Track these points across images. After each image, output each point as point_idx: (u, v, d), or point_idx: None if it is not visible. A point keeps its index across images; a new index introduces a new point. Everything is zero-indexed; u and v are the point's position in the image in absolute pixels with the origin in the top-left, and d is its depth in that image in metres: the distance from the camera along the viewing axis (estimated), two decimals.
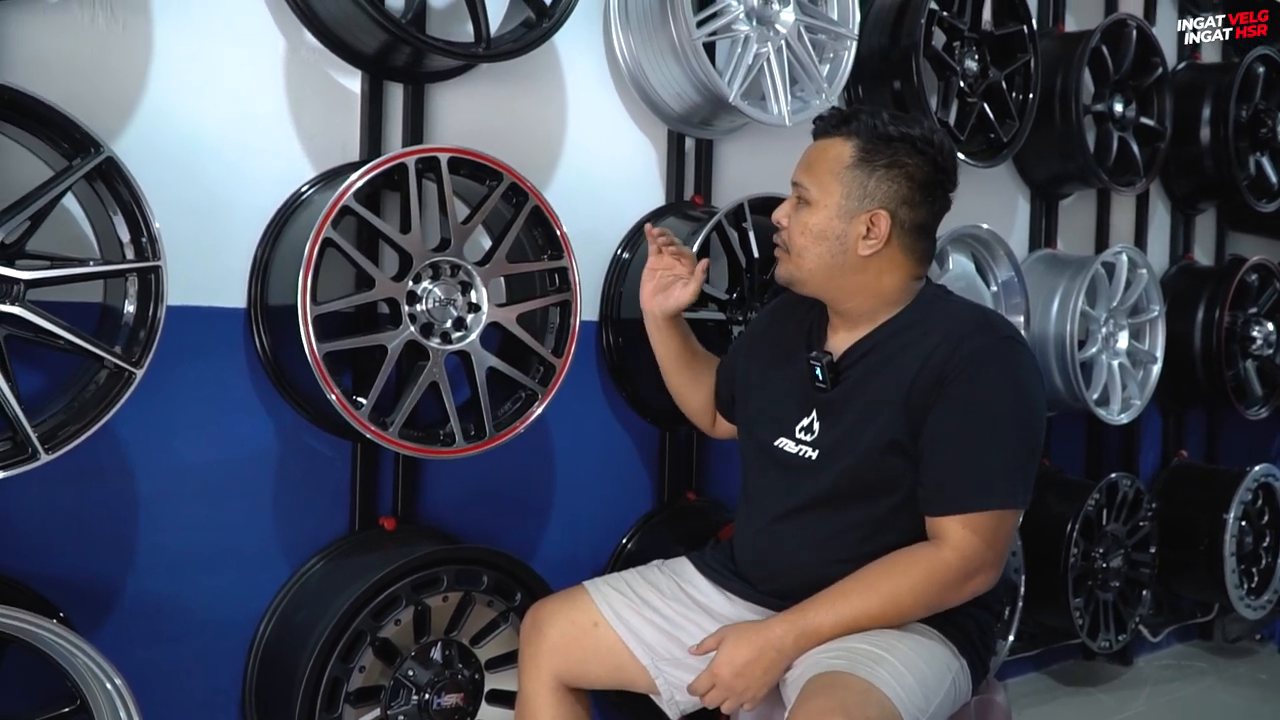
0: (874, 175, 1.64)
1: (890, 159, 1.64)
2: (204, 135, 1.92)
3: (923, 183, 1.66)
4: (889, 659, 1.52)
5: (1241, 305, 3.64)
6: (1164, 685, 3.57)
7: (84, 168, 1.58)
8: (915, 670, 1.53)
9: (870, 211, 1.64)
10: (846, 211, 1.65)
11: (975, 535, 1.57)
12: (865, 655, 1.52)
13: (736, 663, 1.57)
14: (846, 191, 1.65)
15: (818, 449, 1.69)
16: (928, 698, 1.53)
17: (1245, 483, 3.62)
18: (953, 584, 1.58)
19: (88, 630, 1.79)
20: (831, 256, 1.66)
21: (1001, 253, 2.85)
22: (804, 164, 1.72)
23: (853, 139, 1.66)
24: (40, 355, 1.72)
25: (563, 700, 1.77)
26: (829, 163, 1.67)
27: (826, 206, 1.66)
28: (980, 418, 1.59)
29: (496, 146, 2.07)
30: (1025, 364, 1.64)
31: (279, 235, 1.98)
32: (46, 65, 1.76)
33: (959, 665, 1.64)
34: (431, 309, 1.93)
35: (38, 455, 1.54)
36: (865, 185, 1.64)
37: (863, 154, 1.65)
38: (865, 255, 1.65)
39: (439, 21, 2.15)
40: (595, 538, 2.44)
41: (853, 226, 1.65)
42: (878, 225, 1.64)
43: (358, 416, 1.84)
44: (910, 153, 1.65)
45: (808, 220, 1.67)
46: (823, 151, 1.69)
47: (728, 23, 2.33)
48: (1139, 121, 3.35)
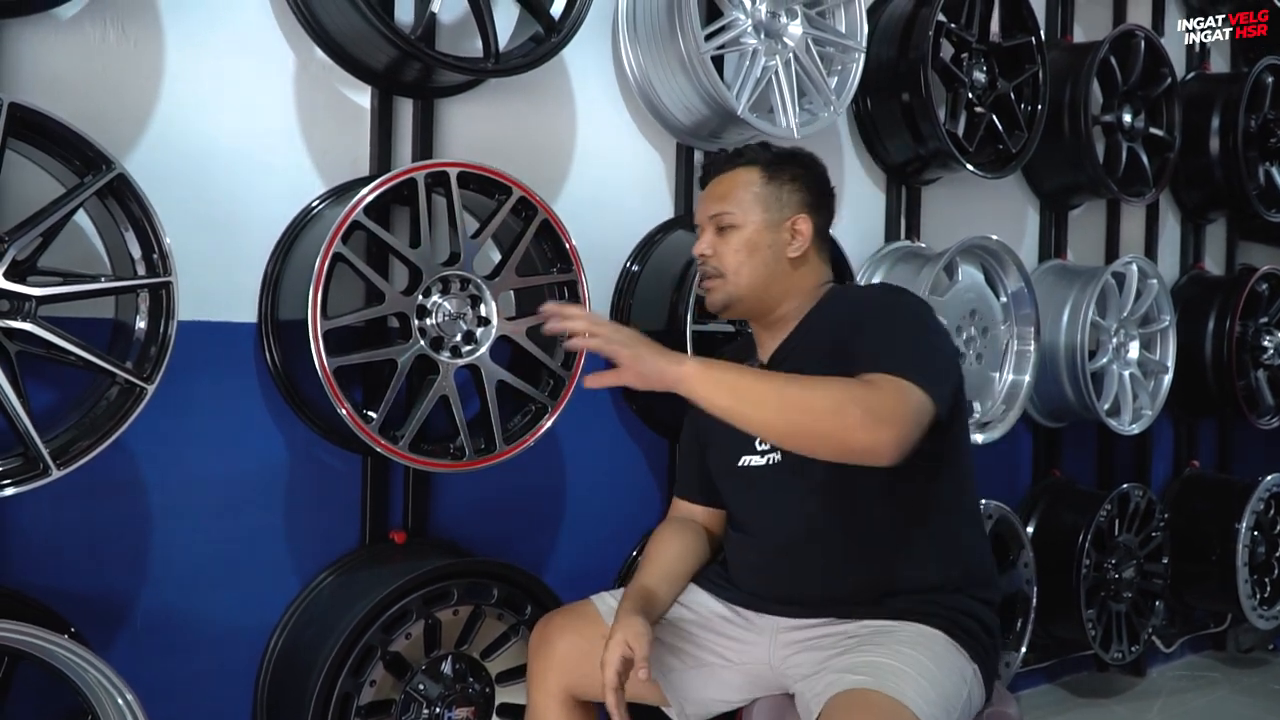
0: (784, 188, 1.82)
1: (792, 174, 1.83)
2: (215, 151, 1.93)
3: (819, 191, 1.86)
4: (911, 674, 1.52)
5: (1252, 315, 3.63)
6: (1177, 696, 3.55)
7: (95, 185, 1.59)
8: (937, 683, 1.53)
9: (792, 218, 1.81)
10: (771, 223, 1.81)
11: (901, 391, 1.49)
12: (890, 671, 1.52)
13: (641, 343, 1.51)
14: (766, 206, 1.81)
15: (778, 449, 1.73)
16: (949, 711, 1.53)
17: (1257, 492, 3.61)
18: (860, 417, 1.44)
19: (99, 645, 1.80)
20: (765, 266, 1.80)
21: (1011, 263, 2.84)
22: (715, 197, 1.85)
23: (754, 165, 1.84)
24: (52, 371, 1.73)
25: (571, 713, 1.78)
26: (742, 188, 1.82)
27: (752, 223, 1.80)
28: (897, 318, 1.66)
29: (505, 161, 2.08)
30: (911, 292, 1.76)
31: (289, 250, 1.99)
32: (58, 83, 1.77)
33: (972, 670, 1.64)
34: (441, 323, 1.94)
35: (49, 471, 1.55)
36: (780, 198, 1.82)
37: (769, 174, 1.83)
38: (794, 258, 1.81)
39: (448, 37, 2.16)
40: (605, 550, 2.44)
41: (779, 235, 1.81)
42: (801, 229, 1.81)
43: (368, 430, 1.84)
44: (802, 168, 1.86)
45: (736, 240, 1.80)
46: (731, 181, 1.84)
47: (736, 36, 2.33)
48: (1148, 132, 3.35)
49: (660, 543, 1.87)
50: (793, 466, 1.72)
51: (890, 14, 2.76)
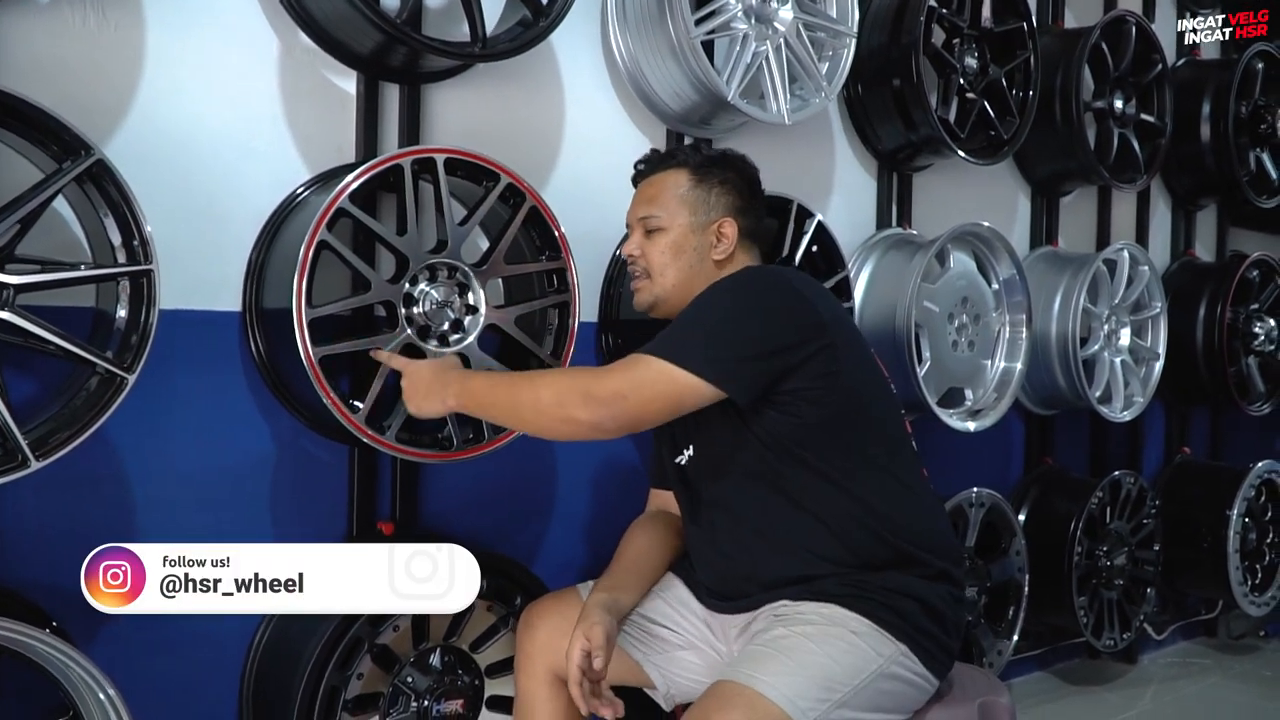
0: (712, 191, 1.87)
1: (721, 176, 1.88)
2: (197, 137, 1.90)
3: (748, 193, 1.90)
4: (779, 658, 1.55)
5: (1243, 301, 3.64)
6: (1169, 683, 3.56)
7: (74, 170, 1.56)
8: (811, 666, 1.54)
9: (717, 221, 1.85)
10: (697, 226, 1.85)
11: (630, 366, 1.64)
12: (750, 658, 1.59)
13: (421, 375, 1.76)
14: (692, 209, 1.86)
15: (689, 445, 1.82)
16: (829, 690, 1.53)
17: (1248, 479, 3.62)
18: (578, 398, 1.60)
19: (82, 640, 1.77)
20: (690, 267, 1.85)
21: (1003, 250, 2.83)
22: (644, 199, 1.91)
23: (683, 168, 1.89)
24: (31, 361, 1.70)
25: (559, 695, 1.78)
26: (669, 190, 1.87)
27: (679, 225, 1.85)
28: (694, 308, 1.73)
29: (493, 147, 2.05)
30: (756, 275, 1.78)
31: (274, 238, 1.96)
32: (38, 67, 1.74)
33: (898, 650, 1.62)
34: (429, 311, 1.91)
35: (28, 463, 1.52)
36: (707, 201, 1.86)
37: (696, 176, 1.87)
38: (719, 260, 1.85)
39: (435, 21, 2.13)
40: (594, 540, 2.42)
41: (705, 238, 1.85)
42: (726, 232, 1.85)
43: (354, 421, 1.82)
44: (732, 169, 1.90)
45: (663, 242, 1.86)
46: (660, 183, 1.89)
47: (726, 21, 2.31)
48: (1139, 118, 3.34)
49: (630, 537, 1.93)
50: (698, 463, 1.80)
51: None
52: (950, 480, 2.86)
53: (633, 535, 1.94)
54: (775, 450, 1.68)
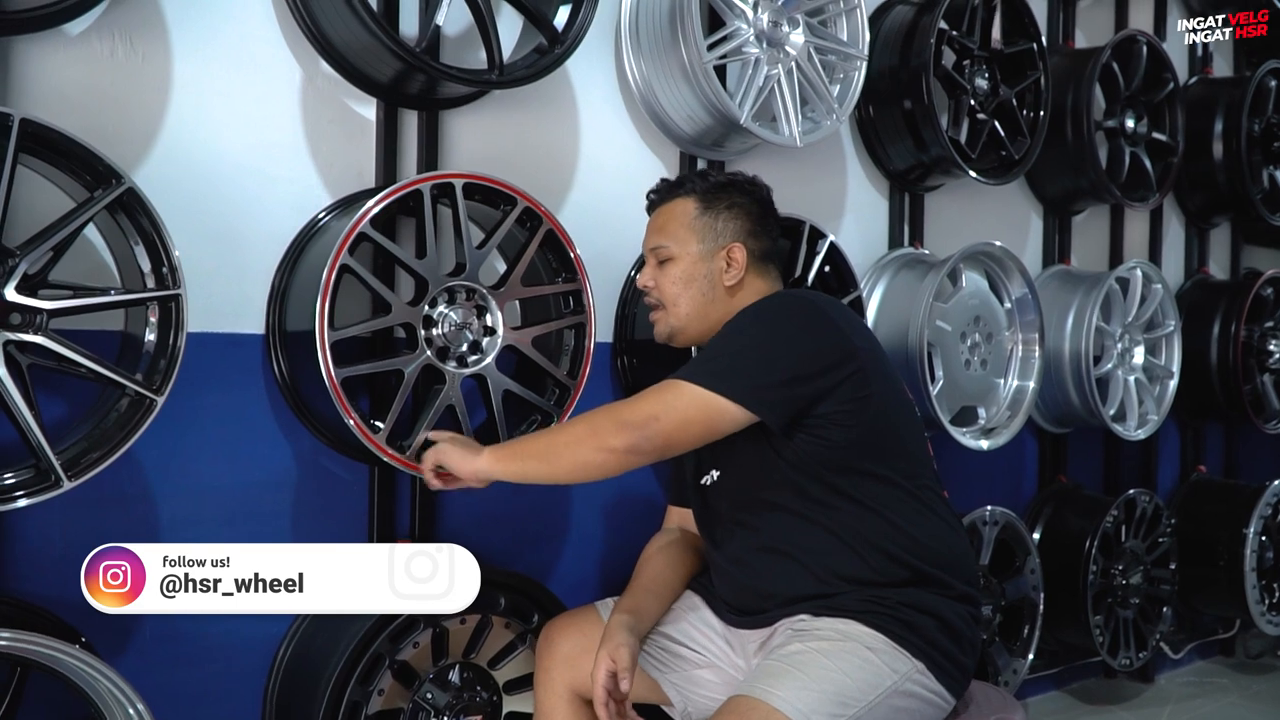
0: (719, 218, 1.88)
1: (729, 202, 1.89)
2: (222, 164, 1.95)
3: (758, 216, 1.90)
4: (793, 672, 1.56)
5: (1258, 319, 3.63)
6: (1186, 702, 3.54)
7: (105, 199, 1.61)
8: (826, 680, 1.55)
9: (726, 247, 1.87)
10: (706, 254, 1.87)
11: (661, 390, 1.68)
12: (766, 673, 1.58)
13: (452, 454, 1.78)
14: (700, 237, 1.88)
15: (715, 468, 1.83)
16: (843, 704, 1.54)
17: (1265, 497, 3.60)
18: (611, 426, 1.65)
19: (110, 655, 1.80)
20: (703, 295, 1.87)
21: (1015, 269, 2.85)
22: (654, 230, 1.94)
23: (691, 195, 1.91)
24: (63, 383, 1.74)
25: (578, 712, 1.81)
26: (678, 219, 1.90)
27: (688, 254, 1.88)
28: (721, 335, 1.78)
29: (510, 171, 2.09)
30: (787, 301, 1.79)
31: (296, 262, 2.00)
32: (67, 97, 1.79)
33: (914, 668, 1.62)
34: (447, 333, 1.95)
35: (61, 483, 1.56)
36: (715, 227, 1.88)
37: (704, 204, 1.89)
38: (730, 285, 1.87)
39: (452, 49, 2.18)
40: (609, 561, 2.44)
41: (714, 264, 1.87)
42: (736, 257, 1.86)
43: (375, 440, 1.85)
44: (741, 193, 1.91)
45: (674, 272, 1.88)
46: (668, 213, 1.92)
47: (738, 45, 2.34)
48: (1151, 137, 3.35)
49: (648, 557, 1.95)
50: (724, 484, 1.81)
51: (892, 22, 2.77)
52: (964, 498, 2.86)
53: (651, 555, 1.95)
54: (801, 472, 1.69)
